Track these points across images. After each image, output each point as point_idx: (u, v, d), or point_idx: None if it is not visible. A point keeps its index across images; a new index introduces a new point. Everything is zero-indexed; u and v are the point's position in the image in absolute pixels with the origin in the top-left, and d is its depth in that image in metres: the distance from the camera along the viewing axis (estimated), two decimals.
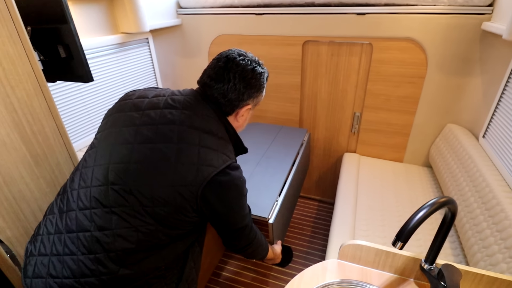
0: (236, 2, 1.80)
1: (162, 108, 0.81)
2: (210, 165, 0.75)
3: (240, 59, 0.85)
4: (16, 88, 0.88)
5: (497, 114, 1.40)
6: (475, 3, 1.44)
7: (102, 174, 0.75)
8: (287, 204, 1.40)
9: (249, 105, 0.89)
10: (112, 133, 0.81)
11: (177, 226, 0.76)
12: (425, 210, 0.63)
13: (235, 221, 0.86)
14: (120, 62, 1.63)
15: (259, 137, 1.78)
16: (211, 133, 0.80)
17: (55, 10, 0.99)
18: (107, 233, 0.71)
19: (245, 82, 0.84)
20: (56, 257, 0.73)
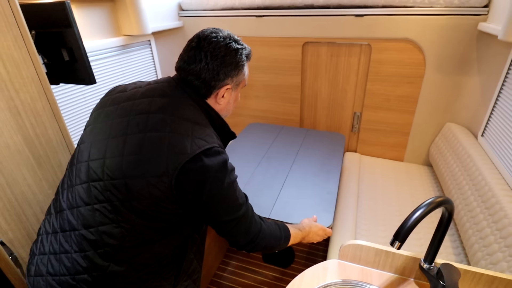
0: (237, 4, 1.82)
1: (137, 99, 0.79)
2: (181, 153, 0.70)
3: (212, 36, 0.80)
4: (20, 91, 0.89)
5: (495, 113, 1.42)
6: (471, 4, 1.45)
7: (84, 172, 0.75)
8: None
9: (228, 85, 0.83)
10: (92, 130, 0.81)
11: (159, 220, 0.73)
12: (421, 210, 0.63)
13: (223, 212, 0.79)
14: (123, 64, 1.65)
15: (260, 138, 1.80)
16: (184, 118, 0.76)
17: (59, 14, 1.00)
18: (92, 231, 0.71)
19: (218, 60, 0.79)
20: (53, 255, 0.74)
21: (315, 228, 1.07)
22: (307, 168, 1.50)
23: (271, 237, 0.91)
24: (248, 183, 1.39)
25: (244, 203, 0.85)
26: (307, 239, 1.06)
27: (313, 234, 1.06)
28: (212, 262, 1.64)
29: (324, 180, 1.41)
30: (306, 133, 1.84)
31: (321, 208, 1.23)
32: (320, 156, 1.60)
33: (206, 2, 1.87)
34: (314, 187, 1.36)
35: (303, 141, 1.75)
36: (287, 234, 0.98)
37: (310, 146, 1.70)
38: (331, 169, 1.49)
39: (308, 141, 1.75)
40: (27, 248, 0.96)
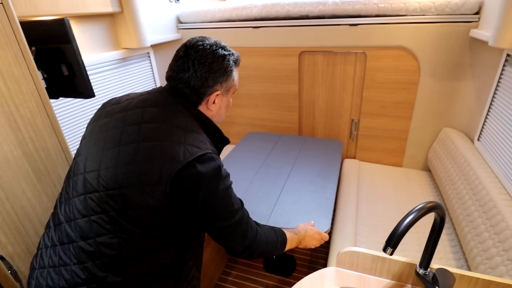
0: (234, 16, 1.86)
1: (129, 110, 0.81)
2: (174, 160, 0.70)
3: (198, 44, 0.82)
4: (20, 106, 0.91)
5: (490, 118, 1.43)
6: (462, 11, 1.48)
7: (80, 184, 0.76)
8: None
9: (218, 91, 0.84)
10: (87, 142, 0.83)
11: (156, 228, 0.73)
12: (412, 215, 0.64)
13: (218, 218, 0.79)
14: (122, 76, 1.68)
15: (258, 146, 1.81)
16: (177, 126, 0.76)
17: (59, 31, 1.03)
18: (90, 242, 0.72)
19: (205, 67, 0.80)
20: (52, 268, 0.74)
21: (311, 232, 1.07)
22: (305, 175, 1.51)
23: (267, 242, 0.91)
24: (247, 191, 1.40)
25: (240, 208, 0.85)
26: (303, 243, 1.06)
27: (309, 238, 1.06)
28: (213, 272, 1.64)
29: (322, 186, 1.42)
30: (304, 140, 1.86)
31: (318, 213, 1.24)
32: (318, 163, 1.60)
33: (204, 14, 1.91)
34: (312, 194, 1.36)
35: (301, 148, 1.76)
36: (283, 238, 0.98)
37: (308, 153, 1.71)
38: (329, 175, 1.50)
39: (306, 149, 1.76)
40: (26, 262, 0.97)
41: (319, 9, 1.67)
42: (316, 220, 1.19)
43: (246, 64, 1.98)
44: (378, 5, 1.58)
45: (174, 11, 1.95)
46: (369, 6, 1.60)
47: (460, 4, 1.48)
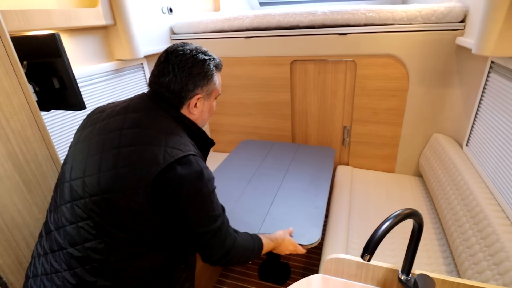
0: (226, 27, 1.90)
1: (111, 117, 0.83)
2: (154, 163, 0.71)
3: (179, 50, 0.84)
4: (11, 119, 0.93)
5: (477, 123, 1.45)
6: (447, 20, 1.52)
7: (67, 192, 0.78)
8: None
9: (198, 95, 0.86)
10: (73, 151, 0.85)
11: (142, 232, 0.74)
12: (389, 222, 0.65)
13: (199, 223, 0.79)
14: (116, 87, 1.71)
15: (251, 154, 1.82)
16: (157, 130, 0.78)
17: (50, 45, 1.06)
18: (78, 248, 0.73)
19: (185, 71, 0.82)
20: (45, 276, 0.76)
21: (287, 242, 1.10)
22: (297, 183, 1.52)
23: (245, 249, 0.92)
24: (239, 200, 1.40)
25: (221, 214, 0.85)
26: (277, 250, 1.08)
27: (283, 247, 1.09)
28: (206, 282, 1.64)
29: (313, 194, 1.42)
30: (297, 148, 1.87)
31: (309, 223, 1.24)
32: (310, 171, 1.61)
33: (197, 25, 1.95)
34: (303, 202, 1.37)
35: (293, 156, 1.77)
36: (260, 244, 0.99)
37: (301, 161, 1.72)
38: (320, 183, 1.51)
39: (299, 156, 1.77)
40: (16, 273, 0.98)
41: (309, 19, 1.71)
42: (307, 230, 1.20)
43: (239, 73, 2.01)
44: (366, 15, 1.62)
45: (167, 23, 1.99)
46: (357, 16, 1.63)
47: (446, 12, 1.51)
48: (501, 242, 1.03)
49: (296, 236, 1.17)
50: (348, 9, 1.63)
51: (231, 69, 2.00)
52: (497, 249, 1.03)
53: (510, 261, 0.96)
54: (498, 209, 1.16)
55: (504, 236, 1.04)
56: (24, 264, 0.99)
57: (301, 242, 1.13)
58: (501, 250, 1.01)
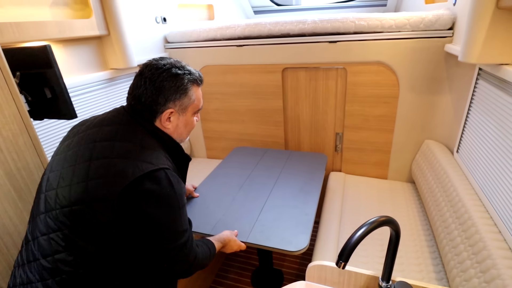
0: (218, 36, 1.93)
1: (88, 130, 0.84)
2: (122, 177, 0.71)
3: (153, 64, 0.85)
4: (2, 129, 0.96)
5: (466, 130, 1.46)
6: (436, 27, 1.53)
7: (42, 203, 0.79)
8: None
9: (171, 109, 0.86)
10: (52, 163, 0.86)
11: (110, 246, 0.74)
12: (363, 228, 0.66)
13: (165, 239, 0.78)
14: (110, 95, 1.74)
15: (243, 161, 1.84)
16: (130, 143, 0.78)
17: (41, 57, 1.09)
18: (49, 260, 0.74)
19: (156, 84, 0.82)
20: (22, 286, 0.76)
21: (233, 243, 1.15)
22: (287, 190, 1.52)
23: (204, 259, 0.94)
24: (229, 207, 1.41)
25: (187, 229, 0.86)
26: (223, 249, 1.14)
27: (228, 247, 1.14)
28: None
29: (303, 201, 1.43)
30: (289, 155, 1.88)
31: (298, 230, 1.24)
32: (301, 177, 1.62)
33: (190, 34, 1.98)
34: (293, 209, 1.37)
35: (285, 163, 1.78)
36: (213, 250, 1.04)
37: (292, 167, 1.73)
38: (311, 190, 1.51)
39: (291, 163, 1.78)
40: (7, 279, 0.99)
41: (299, 28, 1.73)
42: (295, 236, 1.20)
43: (231, 81, 2.04)
44: (356, 23, 1.64)
45: (161, 32, 2.02)
46: (346, 24, 1.65)
47: (434, 20, 1.53)
48: (487, 249, 1.03)
49: (284, 243, 1.17)
50: (337, 18, 1.66)
51: (224, 77, 2.03)
52: (484, 257, 1.03)
53: (496, 268, 0.96)
54: (486, 216, 1.16)
55: (490, 244, 1.04)
56: None
57: (288, 248, 1.14)
58: (488, 257, 1.01)
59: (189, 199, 1.49)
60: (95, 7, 1.52)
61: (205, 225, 1.30)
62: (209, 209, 1.40)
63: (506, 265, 0.95)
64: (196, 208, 1.43)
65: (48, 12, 1.40)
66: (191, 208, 1.43)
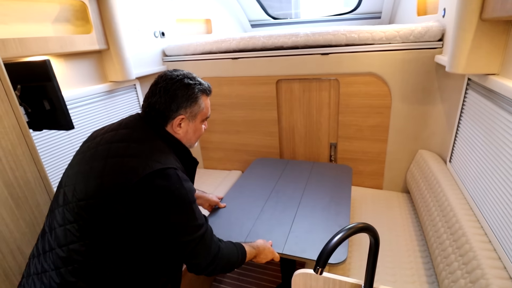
0: (214, 49, 1.99)
1: (106, 133, 0.92)
2: (133, 174, 0.78)
3: (168, 74, 0.94)
4: (2, 139, 1.00)
5: (458, 140, 1.47)
6: (425, 39, 1.57)
7: (60, 197, 0.85)
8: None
9: (181, 116, 0.93)
10: (72, 162, 0.93)
11: (122, 239, 0.78)
12: (341, 234, 0.67)
13: (182, 232, 0.83)
14: (109, 107, 1.79)
15: (266, 173, 1.79)
16: (143, 144, 0.85)
17: (41, 71, 1.15)
18: (64, 249, 0.78)
19: (169, 93, 0.91)
20: (36, 276, 0.81)
21: (267, 251, 1.13)
22: (317, 201, 1.48)
23: (229, 256, 0.96)
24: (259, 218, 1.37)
25: (204, 223, 0.89)
26: (258, 258, 1.12)
27: (263, 255, 1.12)
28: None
29: (334, 213, 1.39)
30: (312, 166, 1.84)
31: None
32: (329, 189, 1.58)
33: (187, 48, 2.05)
34: (325, 221, 1.34)
35: (310, 174, 1.73)
36: (243, 252, 1.04)
37: (318, 179, 1.69)
38: (340, 201, 1.47)
39: (315, 174, 1.71)
40: (2, 285, 1.01)
41: (292, 41, 1.78)
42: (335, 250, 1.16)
43: (227, 93, 2.09)
44: (347, 35, 1.69)
45: (160, 45, 2.10)
46: (338, 37, 1.70)
47: (423, 32, 1.57)
48: (477, 259, 1.03)
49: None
50: (329, 31, 1.70)
51: (220, 89, 2.08)
52: (474, 267, 1.03)
53: (485, 278, 0.96)
54: (476, 226, 1.16)
55: (480, 253, 1.04)
56: (10, 276, 1.03)
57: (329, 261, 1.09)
58: (477, 267, 1.01)
59: (216, 209, 1.47)
60: (95, 23, 1.59)
61: (237, 235, 1.26)
62: (239, 220, 1.38)
63: (495, 275, 0.95)
64: (224, 219, 1.40)
65: (50, 28, 1.47)
66: (219, 219, 1.41)
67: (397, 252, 1.46)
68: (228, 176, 2.25)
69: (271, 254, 1.13)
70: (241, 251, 1.03)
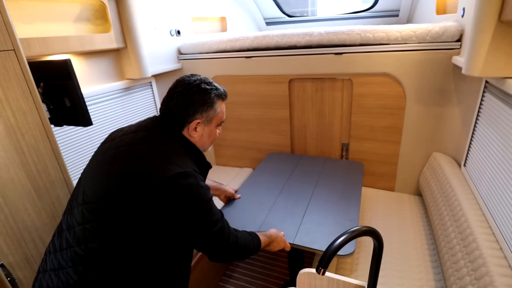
0: (228, 47, 2.01)
1: (125, 135, 0.95)
2: (154, 176, 0.81)
3: (185, 79, 0.97)
4: (26, 135, 1.06)
5: (473, 144, 1.43)
6: (443, 39, 1.53)
7: (80, 196, 0.89)
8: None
9: (197, 120, 0.96)
10: (92, 161, 0.97)
11: (140, 239, 0.81)
12: (343, 237, 0.68)
13: (200, 228, 0.88)
14: (126, 104, 1.85)
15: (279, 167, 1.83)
16: (162, 148, 0.88)
17: (62, 70, 1.20)
18: (82, 247, 0.81)
19: (187, 97, 0.93)
20: (53, 272, 0.84)
21: (280, 239, 1.18)
22: (328, 196, 1.52)
23: (245, 244, 1.02)
24: (272, 210, 1.42)
25: (220, 219, 0.94)
26: (270, 246, 1.16)
27: (275, 244, 1.17)
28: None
29: (345, 208, 1.42)
30: (324, 161, 1.87)
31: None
32: (340, 184, 1.61)
33: (202, 46, 2.08)
34: (335, 215, 1.38)
35: (321, 170, 1.76)
36: (258, 240, 1.09)
37: (329, 174, 1.72)
38: (351, 197, 1.50)
39: (327, 170, 1.75)
40: (24, 271, 1.09)
41: (306, 40, 1.78)
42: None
43: (240, 91, 2.11)
44: (361, 35, 1.67)
45: (175, 44, 2.14)
46: (352, 36, 1.68)
47: (441, 32, 1.53)
48: (486, 266, 1.01)
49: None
50: (343, 30, 1.69)
51: (233, 87, 2.10)
52: (483, 273, 1.01)
53: (494, 286, 0.95)
54: (488, 232, 1.14)
55: (490, 260, 1.02)
56: (31, 263, 1.09)
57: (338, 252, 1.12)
58: (486, 274, 1.00)
59: (231, 201, 1.53)
60: (113, 22, 1.65)
61: (250, 224, 1.33)
62: (253, 211, 1.44)
63: (503, 283, 0.93)
64: (239, 209, 1.47)
65: (72, 28, 1.54)
66: (235, 209, 1.47)
67: (406, 255, 1.45)
68: (239, 173, 2.29)
69: (283, 243, 1.18)
70: (256, 240, 1.09)
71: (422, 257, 1.44)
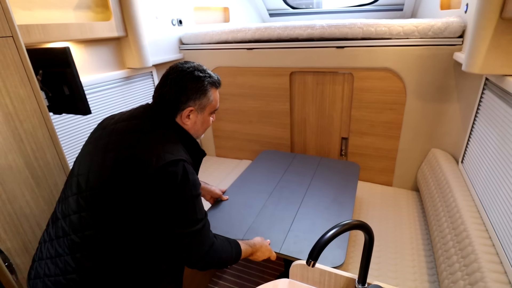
0: (230, 39, 2.00)
1: (118, 123, 0.95)
2: (147, 165, 0.80)
3: (179, 66, 0.95)
4: (24, 122, 1.07)
5: (471, 141, 1.43)
6: (445, 35, 1.51)
7: (74, 185, 0.89)
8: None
9: (191, 107, 0.94)
10: (83, 151, 0.96)
11: (132, 228, 0.82)
12: (334, 230, 0.69)
13: (179, 224, 0.85)
14: (126, 93, 1.85)
15: (272, 166, 1.78)
16: (154, 136, 0.88)
17: (61, 57, 1.20)
18: (79, 235, 0.83)
19: (180, 84, 0.92)
20: (49, 259, 0.86)
21: (264, 249, 1.13)
22: (320, 199, 1.45)
23: (222, 253, 0.97)
24: (260, 214, 1.38)
25: (203, 219, 0.91)
26: (254, 255, 1.11)
27: (260, 253, 1.12)
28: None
29: (337, 214, 1.36)
30: (319, 161, 1.80)
31: (333, 244, 1.06)
32: (333, 187, 1.55)
33: (203, 36, 2.06)
34: (326, 222, 1.31)
35: (316, 170, 1.70)
36: (238, 250, 1.04)
37: (323, 175, 1.66)
38: (344, 201, 1.43)
39: (322, 171, 1.70)
40: (22, 257, 1.10)
41: (307, 33, 1.76)
42: (331, 252, 1.13)
43: (241, 83, 2.10)
44: (363, 29, 1.65)
45: (177, 33, 2.12)
46: (354, 30, 1.66)
47: (443, 28, 1.51)
48: (478, 262, 1.03)
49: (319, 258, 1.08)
50: (345, 23, 1.67)
51: (234, 79, 2.10)
52: (474, 269, 1.02)
53: (484, 281, 0.96)
54: (481, 229, 1.15)
55: (482, 256, 1.03)
56: (29, 249, 1.11)
57: (324, 263, 0.99)
58: (477, 270, 1.01)
59: (218, 202, 1.46)
60: (114, 10, 1.63)
61: (236, 231, 1.25)
62: (240, 215, 1.36)
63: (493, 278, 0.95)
64: (225, 213, 1.39)
65: (72, 15, 1.52)
66: (221, 212, 1.39)
67: (401, 249, 1.46)
68: (239, 165, 2.30)
69: (268, 252, 1.14)
70: (236, 249, 1.03)
71: (416, 251, 1.45)
